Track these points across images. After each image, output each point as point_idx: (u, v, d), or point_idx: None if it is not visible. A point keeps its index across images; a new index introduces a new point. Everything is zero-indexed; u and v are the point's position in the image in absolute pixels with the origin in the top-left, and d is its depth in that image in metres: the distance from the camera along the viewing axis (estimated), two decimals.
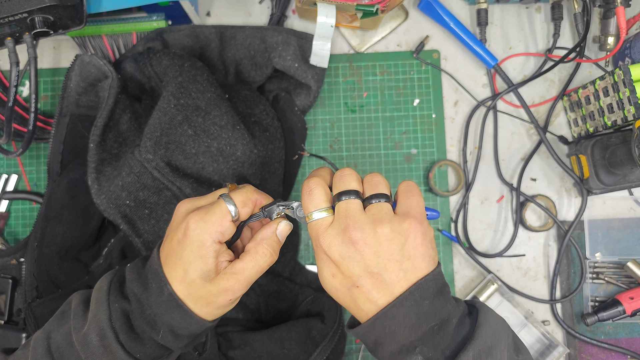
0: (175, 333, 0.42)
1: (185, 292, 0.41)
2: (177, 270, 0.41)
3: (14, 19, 0.53)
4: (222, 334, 0.59)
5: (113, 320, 0.41)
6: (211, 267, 0.40)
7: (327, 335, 0.58)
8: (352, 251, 0.38)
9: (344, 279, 0.39)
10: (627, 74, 0.59)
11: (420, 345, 0.38)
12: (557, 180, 0.72)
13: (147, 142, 0.57)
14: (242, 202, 0.42)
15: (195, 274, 0.40)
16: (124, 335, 0.41)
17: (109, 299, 0.42)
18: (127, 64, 0.64)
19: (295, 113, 0.68)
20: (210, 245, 0.40)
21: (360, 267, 0.38)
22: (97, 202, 0.57)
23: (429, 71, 0.72)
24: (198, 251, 0.40)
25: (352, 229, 0.38)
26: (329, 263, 0.40)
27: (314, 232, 0.40)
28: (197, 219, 0.41)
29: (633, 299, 0.66)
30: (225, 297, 0.41)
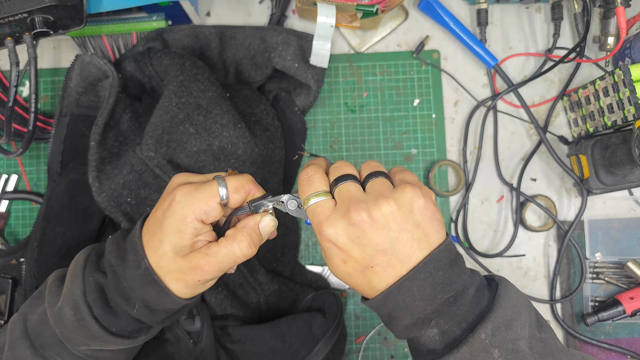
0: (150, 308, 0.41)
1: (157, 263, 0.40)
2: (153, 240, 0.40)
3: (14, 19, 0.53)
4: (222, 328, 0.59)
5: (87, 294, 0.41)
6: (186, 243, 0.39)
7: (328, 330, 0.58)
8: (360, 232, 0.36)
9: (356, 263, 0.37)
10: (627, 74, 0.59)
11: (435, 317, 0.37)
12: (557, 180, 0.72)
13: (149, 140, 0.57)
14: (234, 187, 0.41)
15: (168, 246, 0.39)
16: (98, 309, 0.40)
17: (84, 273, 0.41)
18: (128, 63, 0.64)
19: (295, 113, 0.69)
20: (191, 221, 0.39)
21: (372, 247, 0.37)
22: (98, 200, 0.57)
23: (429, 71, 0.72)
24: (178, 224, 0.39)
25: (355, 210, 0.36)
26: (336, 250, 0.38)
27: (315, 220, 0.38)
28: (185, 193, 0.40)
29: (633, 299, 0.66)
30: (193, 276, 0.40)
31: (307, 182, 0.40)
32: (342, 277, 0.39)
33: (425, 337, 0.38)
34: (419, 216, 0.37)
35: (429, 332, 0.37)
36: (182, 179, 0.42)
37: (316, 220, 0.38)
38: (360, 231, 0.36)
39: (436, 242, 0.38)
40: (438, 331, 0.37)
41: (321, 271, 0.69)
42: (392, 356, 0.69)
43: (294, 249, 0.68)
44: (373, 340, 0.69)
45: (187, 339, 0.54)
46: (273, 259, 0.65)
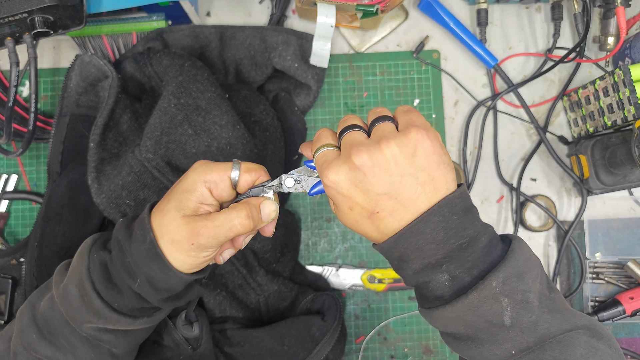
0: (152, 284, 0.41)
1: (158, 222, 0.41)
2: (162, 202, 0.42)
3: (14, 19, 0.53)
4: (220, 331, 0.59)
5: (91, 270, 0.42)
6: (190, 204, 0.41)
7: (327, 332, 0.58)
8: (361, 176, 0.36)
9: (361, 209, 0.37)
10: (627, 74, 0.59)
11: (446, 262, 0.37)
12: (557, 180, 0.72)
13: (148, 141, 0.57)
14: (246, 167, 0.43)
15: (173, 203, 0.41)
16: (101, 285, 0.41)
17: (90, 251, 0.43)
18: (127, 63, 0.64)
19: (295, 113, 0.68)
20: (200, 185, 0.41)
21: (375, 192, 0.36)
22: (97, 201, 0.57)
23: (429, 71, 0.72)
24: (187, 186, 0.41)
25: (356, 154, 0.36)
26: (341, 197, 0.38)
27: (320, 170, 0.39)
28: (202, 163, 0.43)
29: (633, 299, 0.66)
30: (187, 239, 0.40)
31: (315, 139, 0.41)
32: (350, 225, 0.40)
33: (434, 283, 0.38)
34: (424, 159, 0.36)
35: (438, 277, 0.37)
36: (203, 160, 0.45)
37: (322, 171, 0.38)
38: (362, 175, 0.36)
39: (443, 186, 0.37)
40: (448, 276, 0.37)
41: (321, 271, 0.69)
42: (392, 356, 0.69)
43: (293, 249, 0.68)
44: (373, 340, 0.69)
45: (185, 344, 0.54)
46: (273, 259, 0.65)
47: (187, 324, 0.55)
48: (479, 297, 0.35)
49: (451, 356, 0.69)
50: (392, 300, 0.69)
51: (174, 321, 0.55)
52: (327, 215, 0.70)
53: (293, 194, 0.70)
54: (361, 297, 0.69)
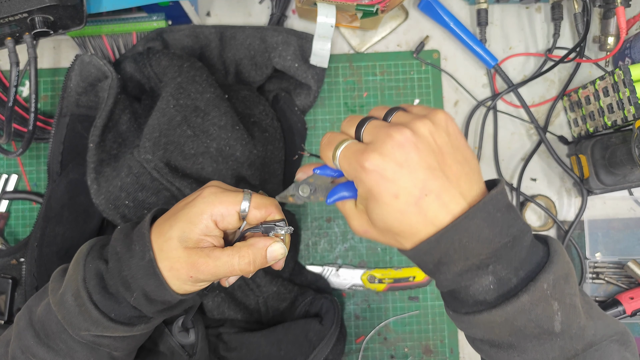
0: (148, 298, 0.41)
1: (159, 246, 0.40)
2: (164, 225, 0.41)
3: (14, 19, 0.53)
4: (217, 336, 0.58)
5: (87, 280, 0.41)
6: (193, 236, 0.40)
7: (324, 337, 0.58)
8: (406, 154, 0.33)
9: (408, 194, 0.33)
10: (627, 74, 0.59)
11: (493, 262, 0.34)
12: (557, 180, 0.72)
13: (146, 142, 0.57)
14: (256, 203, 0.41)
15: (176, 232, 0.40)
16: (98, 295, 0.41)
17: (85, 260, 0.42)
18: (127, 64, 0.64)
19: (295, 113, 0.68)
20: (206, 218, 0.40)
21: (422, 171, 0.33)
22: (97, 202, 0.57)
23: (429, 71, 0.72)
24: (192, 216, 0.40)
25: (397, 130, 0.34)
26: (385, 183, 0.34)
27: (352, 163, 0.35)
28: (212, 192, 0.41)
29: (633, 299, 0.66)
30: (187, 271, 0.40)
31: (327, 142, 0.38)
32: (394, 219, 0.35)
33: (476, 286, 0.35)
34: (456, 139, 0.35)
35: (482, 279, 0.34)
36: (216, 183, 0.43)
37: (353, 162, 0.35)
38: (406, 153, 0.33)
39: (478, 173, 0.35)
40: (493, 279, 0.34)
41: (321, 271, 0.69)
42: (392, 356, 0.69)
43: (293, 249, 0.68)
44: (373, 340, 0.69)
45: (181, 351, 0.54)
46: None
47: (183, 331, 0.55)
48: (530, 300, 0.33)
49: (451, 356, 0.69)
50: (392, 300, 0.69)
51: (170, 328, 0.54)
52: (327, 215, 0.70)
53: None
54: (361, 297, 0.69)
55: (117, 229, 0.44)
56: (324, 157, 0.39)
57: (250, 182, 0.62)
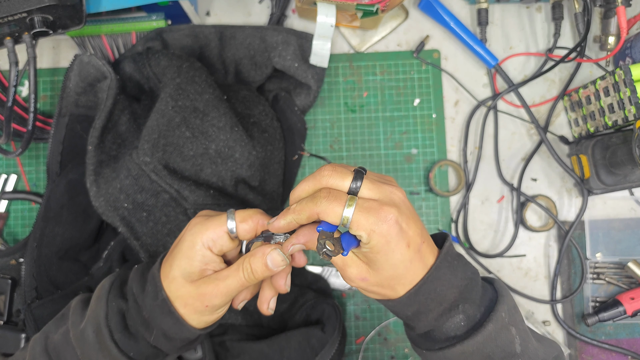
0: (167, 336, 0.42)
1: (167, 288, 0.42)
2: (165, 267, 0.42)
3: (13, 19, 0.53)
4: (220, 344, 0.58)
5: (109, 318, 0.42)
6: (194, 270, 0.41)
7: (326, 343, 0.58)
8: (410, 209, 0.39)
9: (414, 242, 0.38)
10: (628, 74, 0.59)
11: (461, 303, 0.39)
12: (557, 180, 0.71)
13: (145, 144, 0.56)
14: (241, 217, 0.42)
15: (178, 271, 0.41)
16: (119, 334, 0.42)
17: (108, 297, 0.43)
18: (126, 64, 0.64)
19: (295, 113, 0.68)
20: (199, 248, 0.41)
21: (418, 222, 0.39)
22: (96, 204, 0.57)
23: (429, 71, 0.72)
24: (187, 251, 0.41)
25: (398, 190, 0.39)
26: (401, 234, 0.37)
27: (370, 219, 0.37)
28: (196, 222, 0.43)
29: (634, 299, 0.66)
30: (201, 302, 0.41)
31: (329, 198, 0.37)
32: (401, 268, 0.38)
33: (449, 324, 0.39)
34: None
35: (454, 319, 0.39)
36: (201, 214, 0.45)
37: (372, 216, 0.37)
38: (408, 206, 0.39)
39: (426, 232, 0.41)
40: (463, 316, 0.39)
41: (321, 272, 0.69)
42: (392, 357, 0.69)
43: None
44: (373, 340, 0.69)
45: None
46: None
47: None
48: (494, 328, 0.38)
49: None
50: None
51: None
52: None
53: None
54: (361, 298, 0.69)
55: (134, 269, 0.45)
56: (329, 215, 0.37)
57: (250, 183, 0.62)
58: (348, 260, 0.40)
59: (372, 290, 0.41)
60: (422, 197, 0.71)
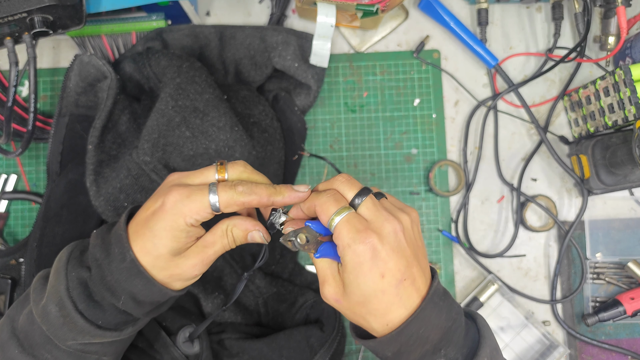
0: (136, 300, 0.41)
1: (151, 263, 0.40)
2: (145, 241, 0.40)
3: (13, 19, 0.53)
4: (219, 342, 0.58)
5: (70, 290, 0.41)
6: (180, 245, 0.40)
7: (325, 342, 0.58)
8: (398, 241, 0.38)
9: (392, 276, 0.37)
10: (628, 74, 0.59)
11: (444, 346, 0.38)
12: (557, 180, 0.71)
13: (145, 144, 0.56)
14: (225, 202, 0.39)
15: (164, 249, 0.40)
16: (83, 304, 0.41)
17: (67, 269, 0.42)
18: (126, 64, 0.64)
19: (295, 113, 0.68)
20: (183, 227, 0.39)
21: (406, 258, 0.38)
22: (96, 204, 0.57)
23: (429, 71, 0.72)
24: (171, 230, 0.39)
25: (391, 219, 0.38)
26: (377, 262, 0.37)
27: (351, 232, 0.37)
28: (177, 200, 0.39)
29: (634, 299, 0.66)
30: (192, 271, 0.41)
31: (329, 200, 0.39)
32: (371, 298, 0.38)
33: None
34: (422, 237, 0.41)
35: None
36: (175, 179, 0.42)
37: (353, 232, 0.37)
38: (398, 240, 0.38)
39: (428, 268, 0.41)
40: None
41: None
42: None
43: None
44: None
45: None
46: (272, 261, 0.65)
47: (187, 341, 0.54)
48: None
49: None
50: None
51: (174, 339, 0.54)
52: None
53: None
54: None
55: (93, 233, 0.43)
56: (322, 212, 0.39)
57: None
58: (328, 275, 0.40)
59: (346, 315, 0.40)
60: (422, 197, 0.71)
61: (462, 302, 0.69)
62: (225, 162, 0.42)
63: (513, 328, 0.69)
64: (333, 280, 0.40)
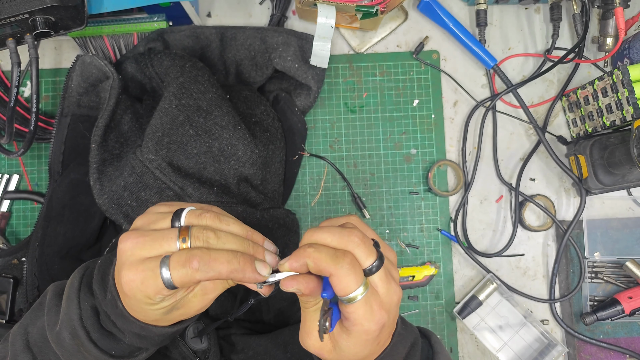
0: (140, 336, 0.40)
1: (147, 321, 0.39)
2: (135, 311, 0.38)
3: (16, 20, 0.53)
4: (224, 337, 0.58)
5: (84, 319, 0.40)
6: (170, 304, 0.38)
7: None
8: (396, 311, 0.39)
9: (388, 327, 0.38)
10: (626, 75, 0.59)
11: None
12: (556, 180, 0.72)
13: (149, 142, 0.57)
14: (180, 281, 0.34)
15: (154, 316, 0.38)
16: (96, 334, 0.40)
17: (79, 297, 0.40)
18: (128, 64, 0.64)
19: (295, 113, 0.69)
20: (156, 302, 0.36)
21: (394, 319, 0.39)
22: (99, 202, 0.57)
23: (428, 72, 0.72)
24: (146, 307, 0.36)
25: (397, 289, 0.38)
26: (380, 335, 0.37)
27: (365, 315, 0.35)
28: (132, 286, 0.35)
29: (632, 298, 0.66)
30: (195, 313, 0.40)
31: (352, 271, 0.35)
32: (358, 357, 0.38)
33: None
34: None
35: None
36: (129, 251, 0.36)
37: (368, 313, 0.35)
38: (397, 307, 0.39)
39: None
40: None
41: None
42: None
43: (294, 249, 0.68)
44: None
45: (193, 357, 0.54)
46: None
47: (195, 337, 0.54)
48: None
49: (450, 355, 0.69)
50: None
51: (181, 335, 0.54)
52: (327, 216, 0.71)
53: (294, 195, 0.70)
54: None
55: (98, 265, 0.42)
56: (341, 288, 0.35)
57: (252, 182, 0.63)
58: (313, 331, 0.38)
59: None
60: (421, 196, 0.71)
61: (461, 301, 0.69)
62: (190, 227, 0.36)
63: (512, 327, 0.69)
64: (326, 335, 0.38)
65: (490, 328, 0.70)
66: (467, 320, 0.69)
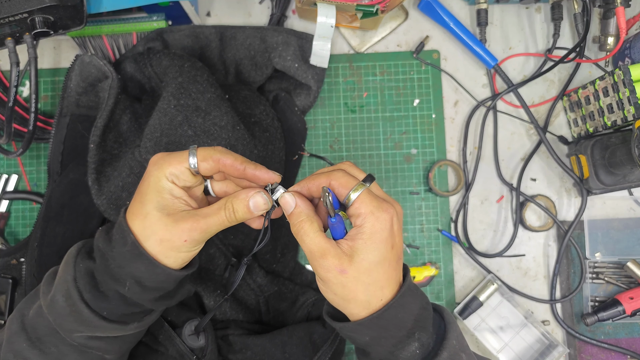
0: (141, 284, 0.41)
1: (141, 225, 0.40)
2: (135, 205, 0.42)
3: (15, 19, 0.53)
4: (222, 337, 0.58)
5: (77, 280, 0.42)
6: (167, 203, 0.41)
7: (328, 339, 0.58)
8: (400, 222, 0.41)
9: (397, 251, 0.40)
10: (627, 74, 0.59)
11: (418, 330, 0.40)
12: (557, 180, 0.72)
13: (147, 142, 0.57)
14: (202, 156, 0.41)
15: (150, 205, 0.40)
16: (88, 294, 0.41)
17: (75, 261, 0.43)
18: (127, 64, 0.64)
19: (295, 113, 0.69)
20: (164, 181, 0.41)
21: (401, 240, 0.41)
22: (98, 203, 0.57)
23: (428, 71, 0.72)
24: (154, 185, 0.41)
25: (398, 205, 0.40)
26: (390, 233, 0.39)
27: (373, 203, 0.39)
28: (157, 159, 0.42)
29: (633, 299, 0.66)
30: (179, 237, 0.40)
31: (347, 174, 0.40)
32: (378, 269, 0.39)
33: (405, 353, 0.40)
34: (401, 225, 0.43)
35: (410, 346, 0.39)
36: (160, 154, 0.44)
37: (375, 202, 0.39)
38: (400, 221, 0.41)
39: None
40: (418, 344, 0.40)
41: None
42: None
43: (293, 249, 0.68)
44: None
45: (190, 355, 0.54)
46: (273, 260, 0.65)
47: (193, 334, 0.54)
48: (449, 355, 0.40)
49: None
50: None
51: (179, 332, 0.54)
52: None
53: None
54: None
55: (99, 230, 0.44)
56: (341, 186, 0.40)
57: None
58: (329, 250, 0.39)
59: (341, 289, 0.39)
60: (421, 197, 0.71)
61: (462, 301, 0.69)
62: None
63: (512, 327, 0.69)
64: (334, 251, 0.39)
65: (491, 329, 0.69)
66: (468, 320, 0.68)
